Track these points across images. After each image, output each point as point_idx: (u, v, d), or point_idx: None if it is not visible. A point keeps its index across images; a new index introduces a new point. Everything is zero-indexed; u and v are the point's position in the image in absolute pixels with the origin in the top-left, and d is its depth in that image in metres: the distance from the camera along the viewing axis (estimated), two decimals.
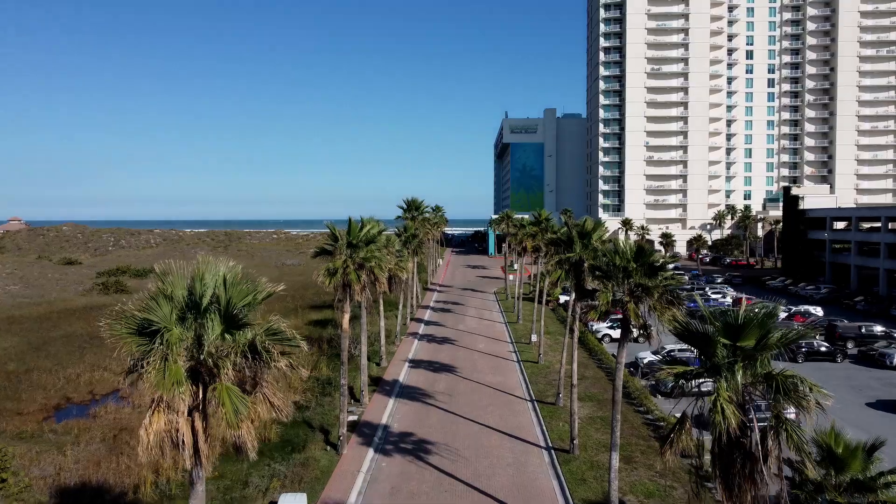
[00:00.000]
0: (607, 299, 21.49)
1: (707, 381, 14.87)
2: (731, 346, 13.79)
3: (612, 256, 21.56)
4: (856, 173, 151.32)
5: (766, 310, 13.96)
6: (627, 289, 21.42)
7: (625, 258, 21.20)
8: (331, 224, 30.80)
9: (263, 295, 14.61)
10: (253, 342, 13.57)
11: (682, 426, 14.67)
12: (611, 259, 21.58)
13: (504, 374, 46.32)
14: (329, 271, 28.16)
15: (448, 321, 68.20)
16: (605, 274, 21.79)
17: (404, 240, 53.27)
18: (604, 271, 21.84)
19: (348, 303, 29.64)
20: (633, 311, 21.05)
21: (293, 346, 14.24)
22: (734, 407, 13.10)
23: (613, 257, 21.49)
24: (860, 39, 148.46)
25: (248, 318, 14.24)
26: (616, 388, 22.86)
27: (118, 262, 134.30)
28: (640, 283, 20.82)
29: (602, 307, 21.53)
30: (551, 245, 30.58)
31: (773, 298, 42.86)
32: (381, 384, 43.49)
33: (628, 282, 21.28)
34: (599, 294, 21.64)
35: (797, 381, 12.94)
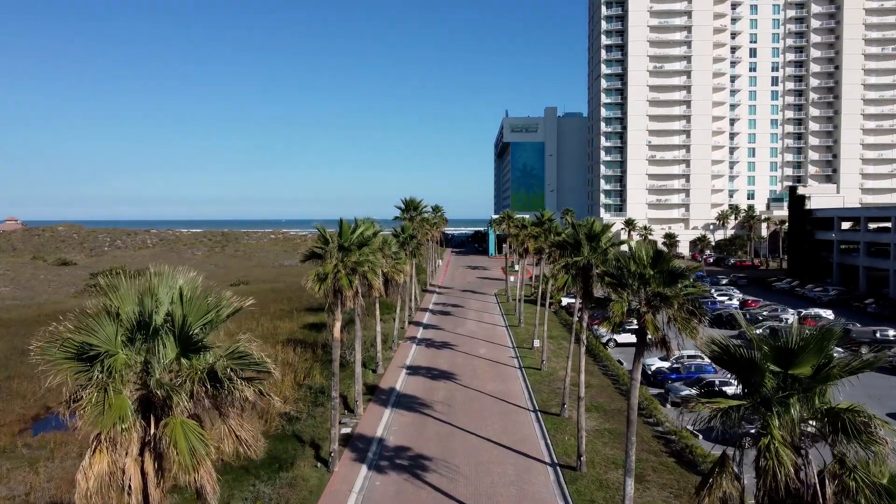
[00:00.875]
0: (622, 310, 19.52)
1: None
2: (783, 374, 11.72)
3: (626, 262, 19.61)
4: (861, 172, 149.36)
5: (825, 332, 11.84)
6: (644, 298, 19.46)
7: (641, 264, 19.24)
8: (320, 226, 28.80)
9: (229, 311, 12.65)
10: (213, 368, 11.58)
11: (723, 469, 12.59)
12: (625, 265, 19.63)
13: (505, 381, 44.35)
14: (319, 276, 26.19)
15: (447, 324, 66.23)
16: (619, 281, 19.82)
17: (402, 241, 51.26)
18: (617, 278, 19.87)
19: (340, 310, 27.67)
20: (650, 324, 19.09)
21: (262, 372, 12.25)
22: (789, 449, 11.05)
23: (628, 263, 19.54)
24: (865, 37, 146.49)
25: (210, 340, 12.28)
26: (631, 407, 20.90)
27: (113, 263, 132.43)
28: (659, 291, 18.86)
29: (616, 318, 19.56)
30: (557, 248, 28.61)
31: (780, 300, 40.54)
32: (377, 392, 41.52)
33: (645, 290, 19.33)
34: (613, 304, 19.66)
35: (866, 418, 10.86)
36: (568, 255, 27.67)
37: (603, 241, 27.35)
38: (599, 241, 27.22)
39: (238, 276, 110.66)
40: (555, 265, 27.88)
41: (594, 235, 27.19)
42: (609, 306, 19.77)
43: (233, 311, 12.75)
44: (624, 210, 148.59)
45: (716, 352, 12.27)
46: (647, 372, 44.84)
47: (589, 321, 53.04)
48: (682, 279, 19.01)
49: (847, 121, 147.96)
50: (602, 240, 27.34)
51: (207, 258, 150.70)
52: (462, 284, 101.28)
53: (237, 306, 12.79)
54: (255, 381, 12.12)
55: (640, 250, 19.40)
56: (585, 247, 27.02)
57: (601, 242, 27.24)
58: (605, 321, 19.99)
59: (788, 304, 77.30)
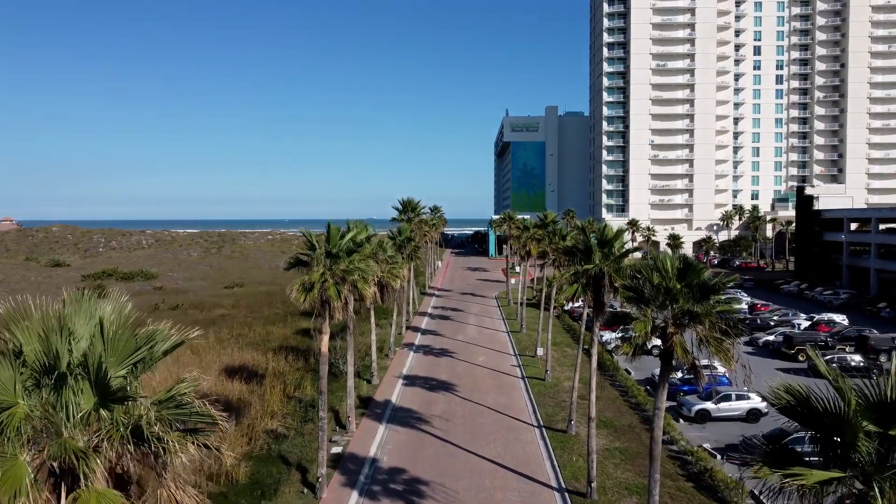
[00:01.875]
0: (645, 330, 17.16)
1: None
2: (883, 435, 9.26)
3: (648, 274, 17.23)
4: (867, 172, 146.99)
5: None
6: (671, 316, 17.07)
7: (666, 276, 16.87)
8: (306, 230, 26.34)
9: (166, 347, 10.25)
10: (139, 423, 9.17)
11: None
12: (647, 277, 17.25)
13: (508, 393, 41.94)
14: (304, 286, 23.78)
15: (447, 330, 63.84)
16: (641, 296, 17.44)
17: (398, 244, 48.83)
18: (638, 293, 17.50)
19: (328, 322, 25.26)
20: (679, 346, 16.72)
21: (208, 423, 9.87)
22: None
23: (650, 275, 17.17)
24: (871, 35, 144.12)
25: (139, 385, 9.92)
26: (654, 440, 18.54)
27: (107, 264, 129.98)
28: (689, 309, 16.49)
29: (638, 339, 17.21)
30: (565, 255, 26.23)
31: (789, 304, 37.96)
32: (372, 405, 39.11)
33: (672, 307, 16.96)
34: (636, 323, 17.29)
35: None
36: (577, 263, 25.28)
37: (616, 248, 24.96)
38: (612, 248, 24.83)
39: (233, 278, 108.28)
40: (563, 273, 25.47)
41: (606, 241, 24.79)
42: (630, 325, 17.39)
43: (172, 346, 10.37)
44: (626, 210, 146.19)
45: (788, 402, 9.85)
46: (657, 382, 42.42)
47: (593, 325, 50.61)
48: (714, 294, 16.66)
49: (853, 120, 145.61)
50: (615, 246, 24.95)
51: (203, 259, 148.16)
52: (462, 287, 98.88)
53: (177, 340, 10.39)
54: (201, 433, 9.71)
55: (665, 260, 17.02)
56: (597, 254, 24.63)
57: (614, 249, 24.85)
58: (625, 343, 17.63)
59: (798, 307, 74.88)
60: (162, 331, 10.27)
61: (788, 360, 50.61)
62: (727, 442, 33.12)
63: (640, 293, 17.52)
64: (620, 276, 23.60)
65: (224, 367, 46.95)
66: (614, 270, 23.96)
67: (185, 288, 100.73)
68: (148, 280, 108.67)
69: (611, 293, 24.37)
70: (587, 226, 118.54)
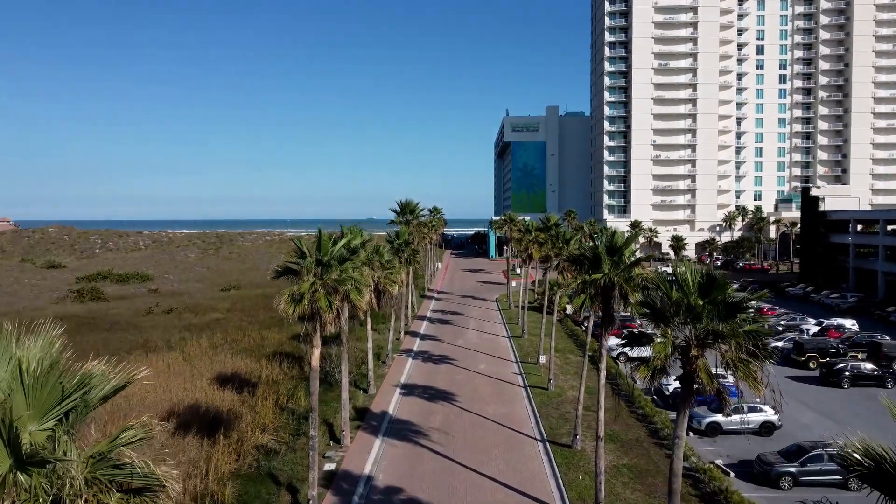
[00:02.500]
0: (665, 351, 15.61)
1: None
2: None
3: (667, 288, 15.68)
4: (871, 173, 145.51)
5: None
6: (694, 336, 15.52)
7: (687, 291, 15.31)
8: (296, 237, 24.77)
9: (104, 392, 8.68)
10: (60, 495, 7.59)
11: None
12: (666, 291, 15.70)
13: (509, 403, 40.37)
14: (293, 297, 22.22)
15: (446, 335, 62.27)
16: (658, 314, 15.88)
17: (396, 248, 47.23)
18: (657, 310, 15.93)
19: (318, 335, 23.69)
20: (704, 371, 15.18)
21: (153, 484, 8.30)
22: None
23: (669, 290, 15.61)
24: (876, 34, 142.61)
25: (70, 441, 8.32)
26: (674, 472, 16.94)
27: (103, 266, 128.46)
28: (712, 329, 14.94)
29: (658, 362, 15.67)
30: (571, 263, 24.66)
31: (795, 307, 36.38)
32: (368, 417, 37.53)
33: (695, 326, 15.41)
34: (655, 345, 15.75)
35: None
36: (585, 272, 23.71)
37: (626, 256, 23.39)
38: (622, 255, 23.26)
39: (230, 280, 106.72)
40: (570, 282, 23.89)
41: (616, 249, 23.19)
42: (651, 347, 15.82)
43: (112, 391, 8.79)
44: (628, 211, 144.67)
45: (868, 467, 8.15)
46: (665, 392, 40.92)
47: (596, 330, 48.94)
48: (741, 312, 15.11)
49: (857, 120, 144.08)
50: (625, 254, 23.37)
51: (200, 260, 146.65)
52: (462, 289, 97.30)
53: (118, 383, 8.82)
54: (147, 493, 8.15)
55: (686, 273, 15.46)
56: (606, 262, 23.05)
57: (624, 257, 23.28)
58: (643, 366, 16.09)
59: (804, 311, 73.31)
60: (98, 373, 8.68)
61: (799, 368, 49.06)
62: (740, 457, 31.58)
63: (657, 310, 15.98)
64: (631, 286, 22.08)
65: (216, 375, 45.40)
66: (625, 280, 22.41)
67: (180, 290, 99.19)
68: (143, 282, 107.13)
69: (620, 303, 22.82)
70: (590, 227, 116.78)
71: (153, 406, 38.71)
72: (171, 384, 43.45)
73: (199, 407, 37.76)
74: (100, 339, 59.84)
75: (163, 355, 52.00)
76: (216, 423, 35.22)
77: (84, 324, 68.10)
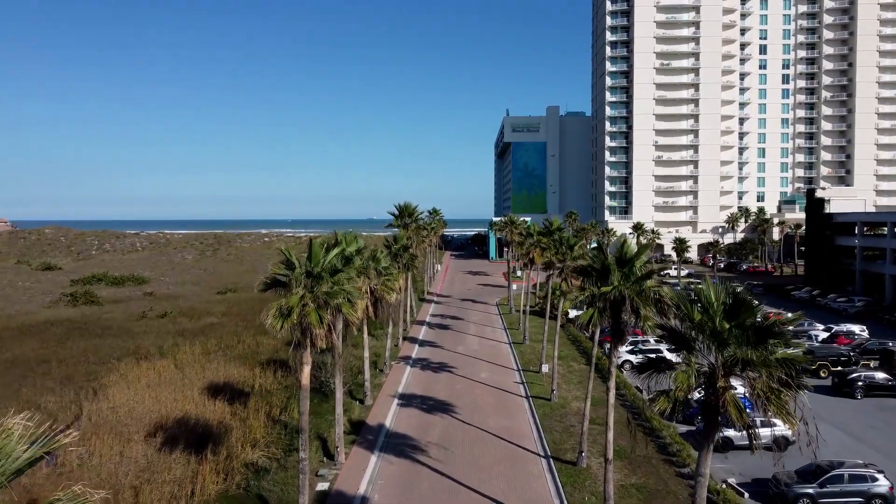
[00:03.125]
0: (688, 382, 14.15)
1: None
2: None
3: (688, 309, 14.21)
4: (875, 174, 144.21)
5: None
6: (720, 364, 14.06)
7: (712, 314, 13.85)
8: (285, 247, 23.19)
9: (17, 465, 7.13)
10: None
11: None
12: (687, 313, 14.23)
13: (511, 415, 38.88)
14: (281, 311, 20.75)
15: (446, 341, 60.80)
16: (679, 338, 14.40)
17: (394, 253, 45.73)
18: (677, 335, 14.45)
19: (309, 351, 22.21)
20: (733, 405, 13.70)
21: None
22: None
23: (691, 311, 14.14)
24: (880, 33, 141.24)
25: None
26: None
27: (99, 268, 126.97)
28: (741, 357, 13.49)
29: (680, 392, 14.20)
30: (579, 274, 23.13)
31: (802, 311, 34.92)
32: (364, 431, 36.04)
33: (721, 353, 13.96)
34: (677, 374, 14.29)
35: None
36: (593, 284, 22.25)
37: (637, 267, 21.90)
38: (633, 267, 21.77)
39: (227, 283, 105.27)
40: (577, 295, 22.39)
41: (626, 260, 21.71)
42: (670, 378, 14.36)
43: (27, 463, 7.28)
44: (629, 212, 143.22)
45: None
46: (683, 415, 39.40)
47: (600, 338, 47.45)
48: (773, 337, 13.64)
49: (861, 120, 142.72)
50: (636, 264, 21.88)
51: (197, 262, 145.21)
52: (461, 293, 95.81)
53: (32, 454, 7.29)
54: None
55: (710, 294, 13.99)
56: (616, 274, 21.57)
57: (635, 268, 21.78)
58: (663, 397, 14.61)
59: (810, 315, 71.77)
60: (12, 440, 7.14)
61: (810, 377, 47.49)
62: (754, 475, 30.08)
63: (677, 334, 14.51)
64: (644, 300, 20.62)
65: (208, 385, 43.93)
66: (636, 294, 20.94)
67: (176, 293, 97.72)
68: (139, 285, 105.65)
69: (632, 318, 21.36)
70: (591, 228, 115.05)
71: (141, 418, 37.28)
72: (161, 394, 41.99)
73: (189, 420, 36.29)
74: (90, 345, 58.37)
75: (154, 363, 50.51)
76: (205, 438, 33.76)
77: (75, 329, 66.57)
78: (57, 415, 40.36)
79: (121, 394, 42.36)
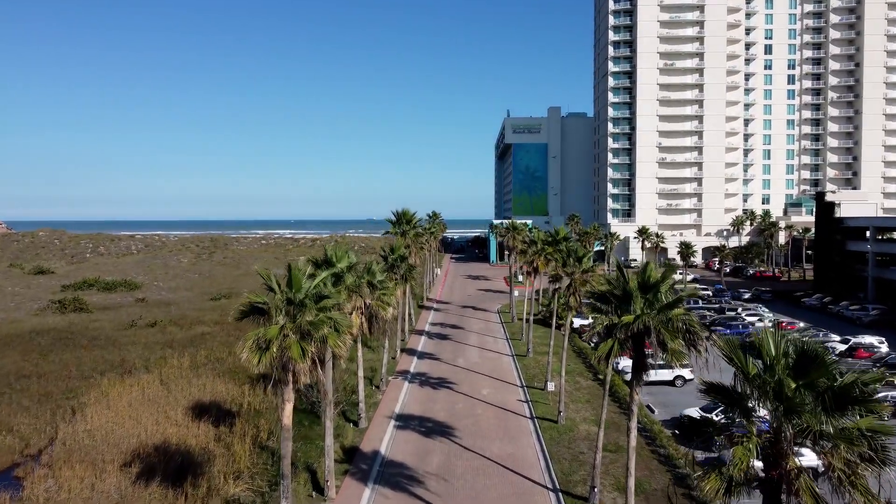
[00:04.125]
0: (746, 460, 11.55)
1: None
2: None
3: (742, 361, 11.66)
4: (883, 176, 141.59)
5: None
6: (787, 435, 11.48)
7: (777, 371, 11.28)
8: (265, 270, 20.51)
9: None
10: None
11: None
12: (742, 365, 11.67)
13: (515, 439, 36.30)
14: (258, 344, 18.22)
15: (445, 353, 58.25)
16: (734, 399, 11.82)
17: (390, 263, 43.15)
18: (731, 395, 11.85)
19: (291, 387, 19.66)
20: (807, 492, 11.14)
21: None
22: None
23: (745, 363, 11.59)
24: (888, 33, 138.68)
25: None
26: None
27: (93, 272, 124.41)
28: (815, 428, 10.94)
29: (738, 470, 11.61)
30: (597, 300, 20.53)
31: (813, 319, 31.97)
32: (357, 458, 33.45)
33: (787, 420, 11.38)
34: (736, 451, 11.71)
35: None
36: (613, 312, 19.69)
37: (663, 293, 19.32)
38: (658, 293, 19.21)
39: (221, 289, 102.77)
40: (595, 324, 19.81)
41: (650, 285, 19.14)
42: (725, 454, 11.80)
43: None
44: (633, 215, 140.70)
45: None
46: (684, 423, 36.96)
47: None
48: (855, 403, 11.08)
49: (868, 121, 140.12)
50: (661, 289, 19.30)
51: (193, 266, 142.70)
52: (462, 299, 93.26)
53: None
54: None
55: (769, 343, 11.41)
56: (638, 301, 19.02)
57: (660, 294, 19.21)
58: (714, 474, 12.02)
59: (823, 324, 69.38)
60: None
61: None
62: None
63: (730, 394, 11.89)
64: (671, 331, 18.09)
65: (193, 404, 41.47)
66: (663, 324, 18.41)
67: (169, 299, 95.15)
68: (131, 290, 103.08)
69: (658, 352, 18.79)
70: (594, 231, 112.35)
71: (119, 444, 34.80)
72: (142, 415, 39.52)
73: (169, 446, 33.76)
74: (74, 357, 55.90)
75: (139, 378, 48.05)
76: (186, 468, 31.24)
77: (61, 339, 64.07)
78: (30, 438, 38.09)
79: (100, 414, 39.89)
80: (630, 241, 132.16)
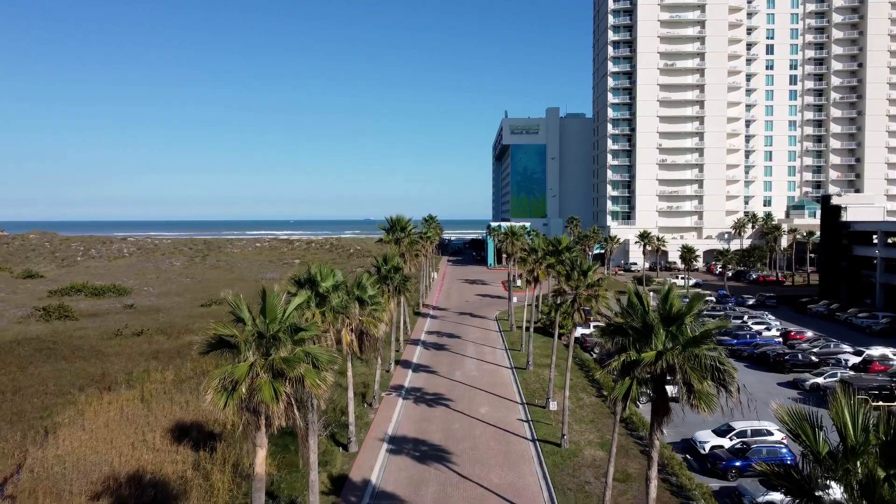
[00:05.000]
0: None
1: None
2: None
3: (812, 440, 9.28)
4: (886, 178, 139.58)
5: None
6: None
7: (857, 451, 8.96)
8: (237, 298, 18.03)
9: None
10: None
11: None
12: (810, 444, 9.30)
13: (516, 466, 33.91)
14: (224, 385, 15.86)
15: (442, 365, 55.86)
16: (799, 487, 9.42)
17: (383, 275, 40.74)
18: (795, 481, 9.45)
19: (264, 432, 17.30)
20: None
21: None
22: None
23: (814, 441, 9.22)
24: (891, 32, 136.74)
25: None
26: None
27: (84, 275, 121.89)
28: None
29: None
30: (612, 334, 18.05)
31: (821, 328, 29.44)
32: (346, 490, 31.04)
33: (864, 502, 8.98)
34: None
35: None
36: (631, 346, 17.33)
37: (688, 324, 16.91)
38: (682, 325, 16.80)
39: (213, 294, 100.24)
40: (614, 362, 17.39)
41: (674, 317, 16.73)
42: None
43: None
44: (632, 218, 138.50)
45: None
46: (700, 451, 34.65)
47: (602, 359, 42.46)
48: None
49: (871, 122, 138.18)
50: (686, 322, 16.87)
51: (186, 269, 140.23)
52: (459, 305, 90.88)
53: None
54: None
55: (845, 414, 9.04)
56: (660, 335, 16.66)
57: (685, 324, 16.81)
58: None
59: (832, 332, 67.16)
60: None
61: None
62: None
63: (794, 479, 9.48)
64: (699, 371, 15.75)
65: (173, 425, 39.05)
66: (689, 363, 16.05)
67: (158, 305, 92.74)
68: (120, 296, 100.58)
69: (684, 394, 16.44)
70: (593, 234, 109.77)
71: (89, 472, 32.32)
72: (118, 437, 37.08)
73: (143, 476, 31.33)
74: (54, 370, 53.38)
75: (119, 394, 45.59)
76: (159, 502, 28.83)
77: (42, 349, 61.54)
78: None
79: (73, 436, 37.43)
80: (630, 245, 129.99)
